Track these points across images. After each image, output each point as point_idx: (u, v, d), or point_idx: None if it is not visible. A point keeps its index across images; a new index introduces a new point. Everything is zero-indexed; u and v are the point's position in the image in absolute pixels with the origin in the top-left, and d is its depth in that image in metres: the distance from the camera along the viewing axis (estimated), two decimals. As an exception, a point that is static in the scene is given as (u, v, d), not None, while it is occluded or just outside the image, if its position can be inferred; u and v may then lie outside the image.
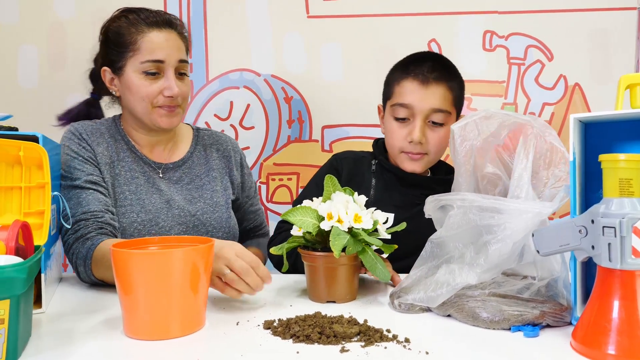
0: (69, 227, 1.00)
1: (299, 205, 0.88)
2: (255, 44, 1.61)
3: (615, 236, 0.60)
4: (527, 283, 0.77)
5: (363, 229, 0.85)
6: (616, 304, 0.61)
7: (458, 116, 1.21)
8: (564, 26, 1.58)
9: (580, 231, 0.65)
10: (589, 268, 0.81)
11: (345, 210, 0.85)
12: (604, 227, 0.61)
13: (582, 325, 0.65)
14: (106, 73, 1.14)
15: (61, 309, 0.85)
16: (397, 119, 1.16)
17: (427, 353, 0.63)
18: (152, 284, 0.69)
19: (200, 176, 1.21)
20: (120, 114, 1.21)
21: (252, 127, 1.62)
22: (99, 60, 1.19)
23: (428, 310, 0.81)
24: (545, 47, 1.59)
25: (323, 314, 0.77)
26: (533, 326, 0.71)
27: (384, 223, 0.89)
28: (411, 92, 1.14)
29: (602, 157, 0.73)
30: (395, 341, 0.67)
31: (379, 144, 1.28)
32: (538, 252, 0.71)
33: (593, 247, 0.64)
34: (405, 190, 1.20)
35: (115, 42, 1.11)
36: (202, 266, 0.72)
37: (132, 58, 1.09)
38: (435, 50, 1.58)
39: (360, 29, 1.59)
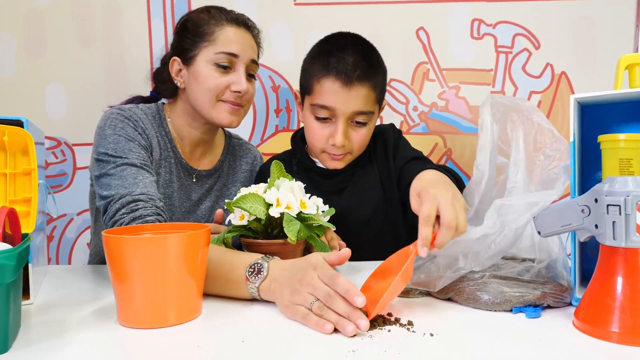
0: (55, 216, 0.97)
1: (247, 192, 0.86)
2: (241, 32, 1.58)
3: (620, 214, 0.60)
4: (527, 265, 0.77)
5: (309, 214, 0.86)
6: (620, 282, 0.61)
7: (380, 108, 1.17)
8: (551, 15, 1.58)
9: (582, 211, 0.65)
10: (585, 249, 0.82)
11: (294, 196, 0.84)
12: (608, 205, 0.61)
13: (585, 304, 0.65)
14: (175, 63, 1.12)
15: (50, 300, 0.82)
16: (317, 119, 1.10)
17: (431, 335, 0.63)
18: (147, 271, 0.67)
19: (227, 186, 1.22)
20: (165, 104, 1.17)
21: (240, 117, 1.59)
22: (169, 52, 1.17)
23: (427, 294, 0.80)
24: (532, 36, 1.59)
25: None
26: (534, 307, 0.71)
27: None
28: (333, 93, 1.06)
29: (602, 138, 0.73)
30: (398, 324, 0.66)
31: (297, 137, 1.25)
32: (539, 233, 0.71)
33: (596, 226, 0.63)
34: (329, 181, 1.19)
35: (194, 31, 1.09)
36: (198, 252, 0.70)
37: (207, 48, 1.08)
38: (424, 39, 1.58)
39: (348, 16, 1.57)
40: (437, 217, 0.72)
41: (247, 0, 1.56)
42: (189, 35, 1.10)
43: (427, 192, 0.73)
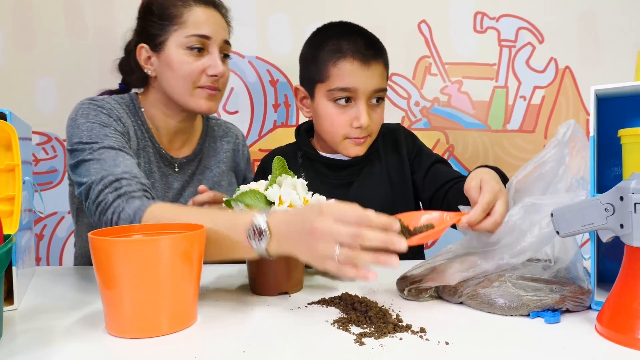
0: (44, 214, 0.92)
1: (247, 189, 0.81)
2: (238, 25, 1.52)
3: (649, 213, 0.56)
4: (544, 265, 0.73)
5: None
6: (648, 286, 0.57)
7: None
8: (555, 8, 1.54)
9: (606, 209, 0.61)
10: (601, 249, 0.78)
11: (297, 194, 0.79)
12: (636, 204, 0.57)
13: (609, 309, 0.61)
14: (143, 50, 1.05)
15: (36, 305, 0.77)
16: (336, 104, 1.07)
17: (447, 344, 0.58)
18: (138, 276, 0.62)
19: (210, 168, 1.16)
20: (138, 94, 1.11)
21: (236, 112, 1.54)
22: (133, 40, 1.09)
23: (437, 297, 0.76)
24: (536, 30, 1.55)
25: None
26: (553, 311, 0.67)
27: None
28: (352, 73, 1.05)
29: (623, 132, 0.69)
30: (409, 331, 0.62)
31: (302, 130, 1.22)
32: (558, 233, 0.67)
33: (622, 225, 0.59)
34: (337, 174, 1.15)
35: (160, 14, 1.02)
36: (192, 255, 0.65)
37: (176, 32, 1.01)
38: (426, 32, 1.53)
39: (348, 8, 1.52)
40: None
41: (245, -8, 1.51)
42: (155, 19, 1.03)
43: (491, 185, 0.78)
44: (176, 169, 1.11)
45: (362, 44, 1.07)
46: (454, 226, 0.80)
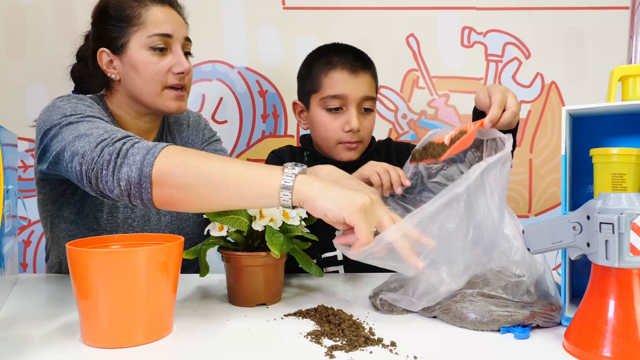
0: (25, 222, 0.91)
1: None
2: (228, 35, 1.55)
3: (613, 233, 0.57)
4: (517, 280, 0.74)
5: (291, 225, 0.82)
6: (612, 304, 0.58)
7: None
8: (542, 24, 1.56)
9: (574, 228, 0.62)
10: (576, 265, 0.79)
11: (278, 208, 0.80)
12: (601, 223, 0.58)
13: (575, 326, 0.62)
14: (104, 55, 1.03)
15: (16, 312, 0.78)
16: (329, 111, 1.16)
17: (415, 358, 0.59)
18: (113, 287, 0.62)
19: None
20: (104, 95, 1.09)
21: (225, 122, 1.55)
22: (89, 45, 1.08)
23: (412, 311, 0.77)
24: (522, 45, 1.57)
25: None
26: (523, 327, 0.68)
27: (305, 218, 0.85)
28: (342, 81, 1.15)
29: (594, 152, 0.70)
30: (380, 345, 0.63)
31: (306, 138, 1.28)
32: (529, 249, 0.68)
33: (588, 244, 0.60)
34: None
35: (117, 17, 1.01)
36: (169, 266, 0.66)
37: (137, 33, 1.00)
38: (414, 46, 1.55)
39: (337, 22, 1.54)
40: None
41: (234, 3, 1.53)
42: (113, 22, 1.02)
43: (497, 88, 0.90)
44: None
45: (351, 56, 1.17)
46: None
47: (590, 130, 0.79)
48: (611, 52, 1.56)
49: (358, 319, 0.72)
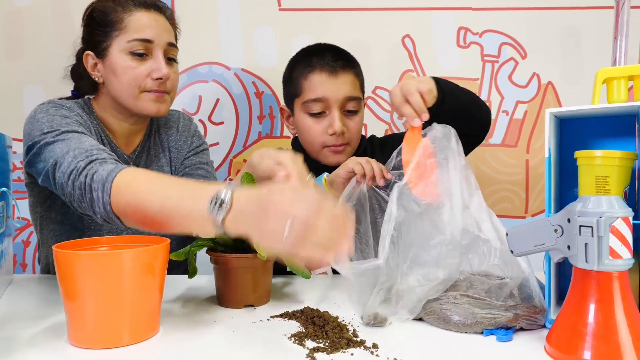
0: (18, 225, 0.93)
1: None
2: (225, 37, 1.55)
3: (592, 236, 0.57)
4: (500, 283, 0.74)
5: None
6: (592, 307, 0.59)
7: (364, 103, 1.23)
8: (538, 24, 1.56)
9: (555, 230, 0.62)
10: (563, 267, 0.79)
11: None
12: (580, 226, 0.59)
13: (556, 329, 0.62)
14: (89, 57, 1.05)
15: (8, 313, 0.79)
16: (312, 115, 1.14)
17: (395, 360, 0.60)
18: (100, 288, 0.63)
19: (159, 157, 1.16)
20: (91, 98, 1.11)
21: (222, 123, 1.56)
22: (81, 48, 1.09)
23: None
24: (519, 45, 1.57)
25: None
26: (506, 329, 0.68)
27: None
28: (321, 84, 1.13)
29: (578, 154, 0.71)
30: (362, 347, 0.63)
31: (298, 142, 1.26)
32: (512, 252, 0.68)
33: (569, 247, 0.61)
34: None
35: (101, 21, 1.02)
36: (155, 267, 0.67)
37: (118, 37, 1.01)
38: (410, 46, 1.55)
39: (333, 23, 1.55)
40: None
41: (230, 4, 1.54)
42: (98, 26, 1.03)
43: (398, 85, 0.91)
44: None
45: (330, 57, 1.15)
46: None
47: (579, 132, 0.79)
48: (608, 52, 1.55)
49: (343, 320, 0.73)
